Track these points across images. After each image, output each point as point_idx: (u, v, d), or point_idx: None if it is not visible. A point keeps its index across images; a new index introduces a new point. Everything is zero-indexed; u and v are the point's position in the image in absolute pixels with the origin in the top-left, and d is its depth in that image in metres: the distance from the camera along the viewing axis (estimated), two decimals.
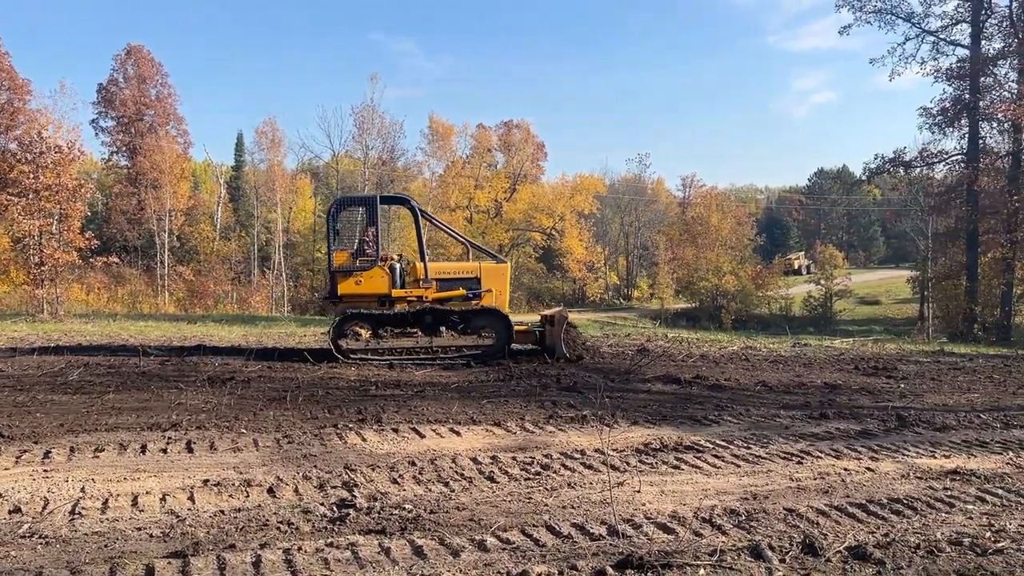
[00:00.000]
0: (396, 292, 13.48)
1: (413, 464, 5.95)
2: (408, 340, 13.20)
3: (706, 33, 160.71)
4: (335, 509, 4.75)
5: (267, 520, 4.53)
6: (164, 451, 6.28)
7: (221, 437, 6.83)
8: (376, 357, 12.99)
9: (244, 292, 51.91)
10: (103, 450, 6.27)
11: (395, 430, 7.27)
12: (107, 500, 4.89)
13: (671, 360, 14.58)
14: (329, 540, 4.18)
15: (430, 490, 5.30)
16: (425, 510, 4.77)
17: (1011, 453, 6.86)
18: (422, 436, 7.06)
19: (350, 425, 7.45)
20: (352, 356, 12.93)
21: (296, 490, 5.22)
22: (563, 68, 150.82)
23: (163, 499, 4.94)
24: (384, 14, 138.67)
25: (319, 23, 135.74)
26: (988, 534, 4.48)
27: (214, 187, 64.84)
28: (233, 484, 5.28)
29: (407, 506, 4.84)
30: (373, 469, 5.78)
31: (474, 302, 13.76)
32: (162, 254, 51.06)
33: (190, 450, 6.34)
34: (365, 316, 13.22)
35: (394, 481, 5.49)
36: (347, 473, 5.65)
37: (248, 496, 5.06)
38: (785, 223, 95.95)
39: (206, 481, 5.34)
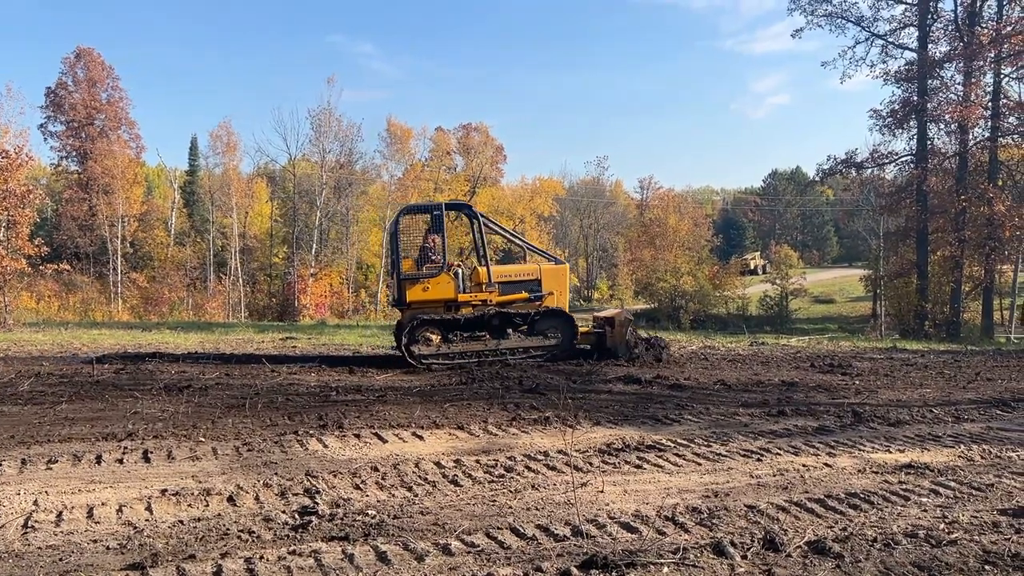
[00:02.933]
0: (462, 297, 13.68)
1: (376, 469, 5.91)
2: (477, 344, 13.37)
3: (664, 36, 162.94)
4: (297, 516, 4.70)
5: (227, 529, 4.46)
6: (120, 461, 6.15)
7: (179, 446, 6.70)
8: (447, 361, 13.14)
9: (200, 298, 51.11)
10: (56, 461, 6.11)
11: (357, 435, 7.21)
12: (61, 513, 4.76)
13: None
14: (291, 548, 4.13)
15: (393, 495, 5.27)
16: (389, 515, 4.74)
17: (962, 446, 7.04)
18: (385, 441, 7.01)
19: (311, 431, 7.37)
20: (424, 361, 13.05)
21: (257, 498, 5.15)
22: (522, 71, 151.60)
23: (119, 510, 4.83)
24: (343, 16, 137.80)
25: (275, 25, 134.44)
26: (942, 526, 4.59)
27: (168, 192, 63.75)
28: (192, 493, 5.19)
29: (370, 512, 4.81)
30: (335, 475, 5.73)
31: (537, 304, 13.98)
32: (115, 261, 50.04)
33: (147, 460, 6.21)
34: (435, 322, 13.35)
35: (357, 487, 5.45)
36: (309, 480, 5.59)
37: (208, 505, 4.98)
38: (741, 224, 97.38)
39: (164, 491, 5.24)
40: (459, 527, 4.51)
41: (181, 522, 4.61)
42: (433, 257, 13.79)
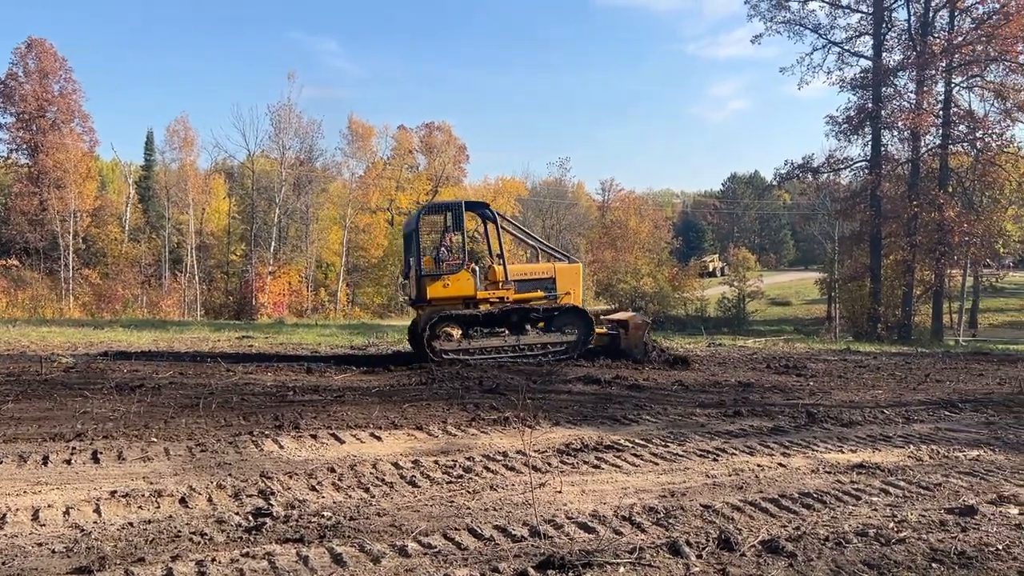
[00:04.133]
0: (480, 294, 13.99)
1: (332, 470, 5.84)
2: (496, 339, 13.68)
3: (627, 40, 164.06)
4: (251, 518, 4.62)
5: (179, 531, 4.37)
6: (68, 462, 5.99)
7: (130, 446, 6.56)
8: (467, 356, 13.38)
9: (155, 296, 50.14)
10: (1, 463, 5.94)
11: (314, 436, 7.13)
12: (5, 515, 4.62)
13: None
14: (244, 550, 4.06)
15: (350, 496, 5.21)
16: (345, 517, 4.69)
17: (912, 447, 7.20)
18: (342, 442, 6.94)
19: (267, 432, 7.27)
20: (445, 356, 13.26)
21: (210, 499, 5.05)
22: (485, 73, 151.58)
23: (67, 512, 4.70)
24: (305, 12, 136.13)
25: (235, 19, 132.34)
26: (892, 524, 4.68)
27: (122, 187, 62.38)
28: (142, 495, 5.08)
29: (326, 513, 4.75)
30: (291, 476, 5.65)
31: (552, 302, 14.27)
32: (66, 257, 48.82)
33: (96, 460, 6.06)
34: (455, 317, 13.61)
35: (313, 488, 5.38)
36: (263, 481, 5.51)
37: (159, 507, 4.88)
38: (700, 226, 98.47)
39: (113, 492, 5.11)
40: (416, 528, 4.48)
41: (131, 524, 4.51)
42: (450, 255, 14.08)
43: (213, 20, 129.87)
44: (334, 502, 5.06)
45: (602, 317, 15.17)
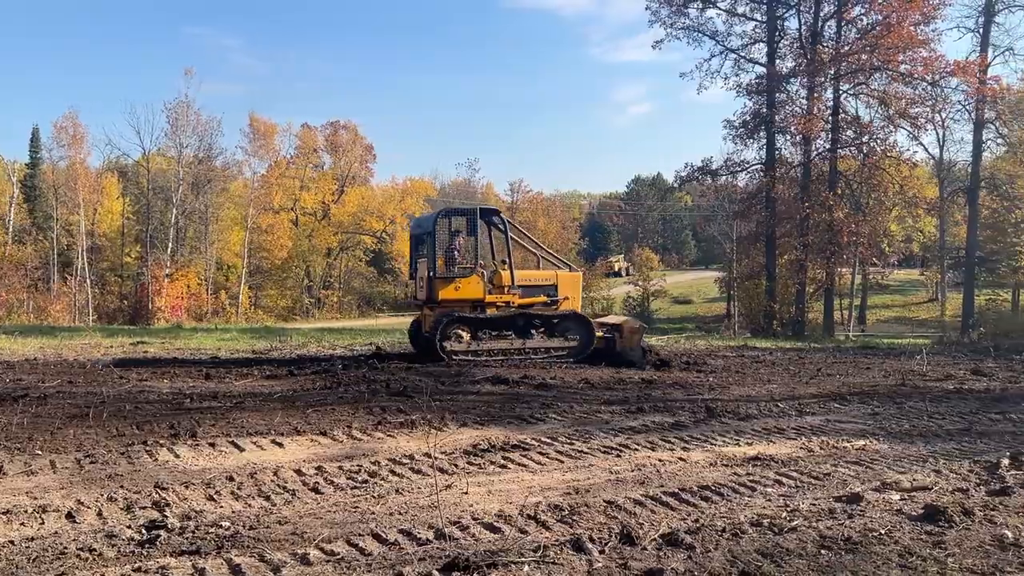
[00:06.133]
0: (488, 298, 14.43)
1: (231, 479, 5.67)
2: (503, 342, 14.14)
3: (535, 43, 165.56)
4: (144, 531, 4.43)
5: (65, 548, 4.15)
6: None
7: (12, 460, 6.19)
8: (476, 358, 13.77)
9: (43, 301, 47.43)
10: None
11: (212, 444, 6.90)
12: None
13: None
14: (136, 565, 3.90)
15: (250, 505, 5.07)
16: (244, 526, 4.55)
17: (804, 438, 7.53)
18: (241, 449, 6.74)
19: (162, 441, 6.99)
20: (455, 357, 13.65)
21: (100, 513, 4.83)
22: (394, 71, 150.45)
23: None
24: (204, 6, 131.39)
25: (129, 12, 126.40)
26: (784, 514, 4.89)
27: (5, 186, 58.77)
28: (25, 511, 4.81)
29: (224, 523, 4.60)
30: (187, 487, 5.46)
31: (554, 307, 14.84)
32: None
33: None
34: (466, 319, 14.06)
35: (210, 498, 5.21)
36: (158, 492, 5.29)
37: (43, 523, 4.62)
38: (606, 227, 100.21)
39: None
40: (319, 535, 4.39)
41: (12, 542, 4.25)
42: (463, 258, 14.61)
43: (106, 12, 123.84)
44: (233, 512, 4.91)
45: (597, 321, 15.60)
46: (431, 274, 14.19)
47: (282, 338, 21.74)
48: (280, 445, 6.94)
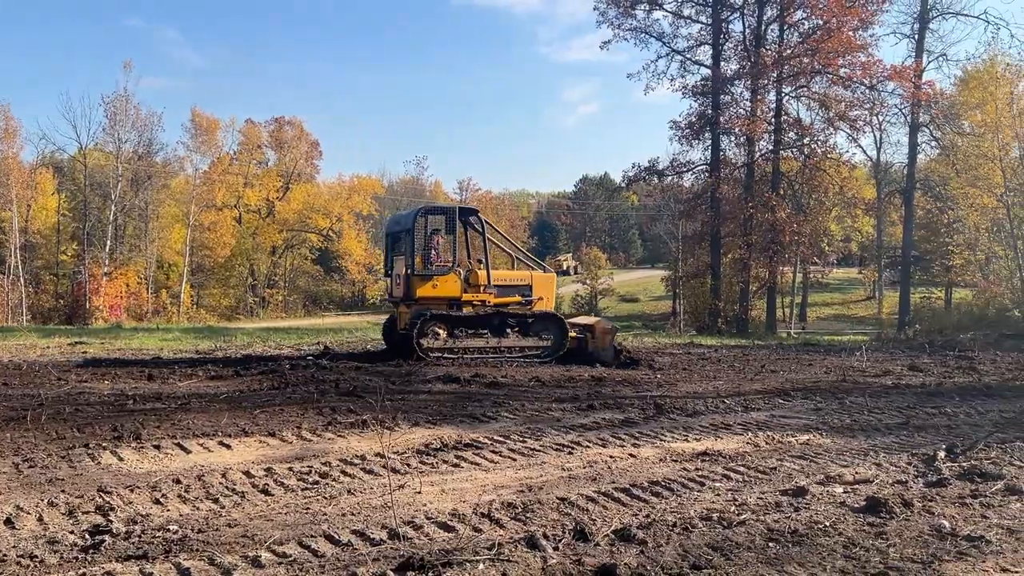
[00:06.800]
0: (465, 296, 14.54)
1: (178, 482, 5.55)
2: (480, 340, 14.22)
3: (485, 41, 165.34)
4: (87, 537, 4.31)
5: (4, 555, 4.01)
6: None
7: None
8: (452, 356, 13.80)
9: None
10: None
11: (157, 447, 6.73)
12: None
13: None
14: (81, 571, 3.79)
15: (198, 508, 4.97)
16: (193, 530, 4.46)
17: (750, 434, 7.68)
18: (188, 451, 6.60)
19: (104, 444, 6.79)
20: (432, 354, 13.68)
21: (40, 519, 4.67)
22: (342, 67, 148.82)
23: None
24: None
25: (64, 1, 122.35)
26: (733, 508, 4.98)
27: None
28: None
29: (172, 527, 4.50)
30: (132, 490, 5.32)
31: (528, 307, 14.96)
32: None
33: None
34: (442, 317, 14.11)
35: (157, 501, 5.09)
36: (101, 496, 5.15)
37: None
38: (555, 226, 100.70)
39: None
40: (270, 537, 4.33)
41: None
42: (436, 257, 14.62)
43: (40, 3, 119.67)
44: (180, 515, 4.81)
45: (569, 322, 15.64)
46: (409, 271, 14.25)
47: (226, 338, 21.35)
48: (228, 447, 6.81)
